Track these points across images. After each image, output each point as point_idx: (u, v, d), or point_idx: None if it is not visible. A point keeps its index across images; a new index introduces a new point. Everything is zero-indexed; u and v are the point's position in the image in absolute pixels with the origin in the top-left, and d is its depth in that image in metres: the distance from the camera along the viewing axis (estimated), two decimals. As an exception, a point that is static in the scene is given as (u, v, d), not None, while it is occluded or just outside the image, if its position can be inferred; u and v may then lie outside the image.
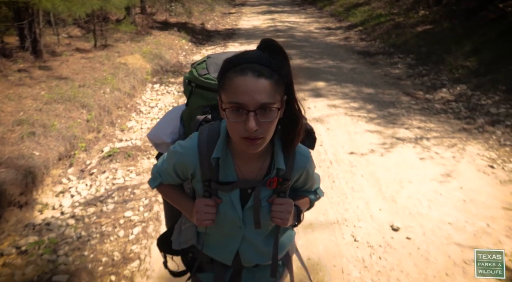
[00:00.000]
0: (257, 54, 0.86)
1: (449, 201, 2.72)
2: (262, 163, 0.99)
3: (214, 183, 0.98)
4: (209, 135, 0.98)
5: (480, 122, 4.12)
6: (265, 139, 0.88)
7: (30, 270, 2.25)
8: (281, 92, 0.87)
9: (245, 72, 0.83)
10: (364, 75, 6.20)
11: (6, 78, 4.39)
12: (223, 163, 0.97)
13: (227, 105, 0.85)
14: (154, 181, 1.11)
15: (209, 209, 0.97)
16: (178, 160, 1.01)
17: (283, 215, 0.97)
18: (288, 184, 1.01)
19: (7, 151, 3.00)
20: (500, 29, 6.63)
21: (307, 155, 1.05)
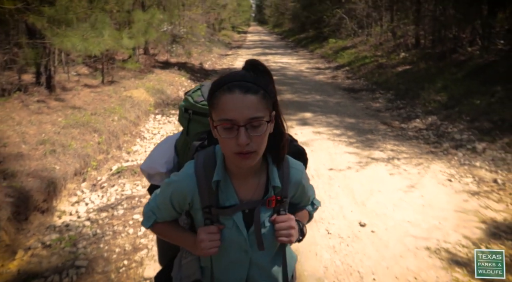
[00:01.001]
0: (242, 73, 0.92)
1: (411, 206, 3.20)
2: (258, 182, 1.00)
3: (214, 208, 0.97)
4: (205, 161, 0.99)
5: (445, 146, 4.69)
6: (258, 153, 0.90)
7: (54, 259, 2.66)
8: (269, 107, 0.91)
9: (232, 89, 0.87)
10: (348, 108, 6.86)
11: (27, 107, 4.95)
12: (223, 186, 0.98)
13: (217, 123, 0.89)
14: (148, 220, 1.08)
15: (213, 236, 0.96)
16: (175, 189, 1.00)
17: (287, 232, 0.99)
18: (287, 201, 1.02)
19: (33, 165, 3.48)
20: (467, 69, 7.44)
21: (301, 169, 1.07)
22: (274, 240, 1.00)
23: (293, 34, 27.82)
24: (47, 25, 5.00)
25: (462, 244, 2.64)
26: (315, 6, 20.57)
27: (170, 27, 11.85)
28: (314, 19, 20.90)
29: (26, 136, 3.96)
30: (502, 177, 3.73)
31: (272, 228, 0.99)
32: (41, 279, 2.44)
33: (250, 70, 0.92)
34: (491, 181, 3.66)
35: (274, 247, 1.04)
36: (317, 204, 1.19)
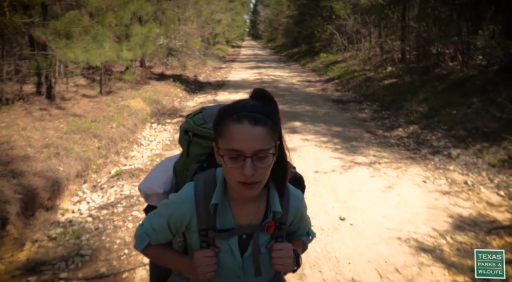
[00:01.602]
0: (251, 102, 0.91)
1: (387, 203, 3.50)
2: (257, 208, 1.00)
3: (211, 231, 0.97)
4: (206, 183, 0.99)
5: (423, 152, 5.03)
6: (261, 184, 0.91)
7: (60, 250, 2.90)
8: (275, 138, 0.91)
9: (242, 120, 0.87)
10: (335, 118, 7.22)
11: (31, 115, 5.22)
12: (221, 209, 0.98)
13: (224, 152, 0.89)
14: (141, 243, 1.05)
15: (210, 260, 0.96)
16: (174, 210, 1.00)
17: (284, 260, 0.98)
18: (285, 228, 1.02)
19: (39, 166, 3.73)
20: (448, 83, 7.88)
21: (300, 196, 1.08)
22: (269, 268, 0.99)
23: (286, 49, 28.49)
24: (51, 38, 5.32)
25: (430, 235, 2.94)
26: (306, 22, 21.23)
27: (166, 41, 12.24)
28: (306, 34, 21.54)
29: (31, 140, 4.22)
30: (472, 179, 4.06)
31: (268, 255, 0.99)
32: (49, 266, 2.68)
33: (258, 99, 0.92)
34: (462, 183, 3.99)
35: (268, 274, 1.02)
36: (312, 234, 1.18)
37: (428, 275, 2.45)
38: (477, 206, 3.45)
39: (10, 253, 2.86)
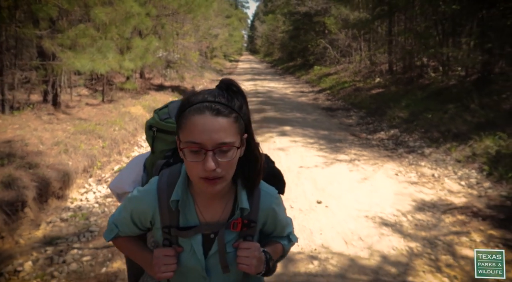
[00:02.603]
0: (215, 92, 0.85)
1: (360, 191, 3.96)
2: (225, 205, 0.95)
3: (174, 229, 0.93)
4: (169, 178, 0.94)
5: (400, 152, 5.51)
6: (225, 179, 0.86)
7: (71, 228, 3.33)
8: (241, 131, 0.86)
9: (203, 111, 0.81)
10: (324, 123, 7.72)
11: (40, 118, 5.68)
12: (183, 206, 0.93)
13: (184, 145, 0.83)
14: (109, 233, 1.03)
15: (169, 260, 0.92)
16: (136, 205, 0.96)
17: (249, 260, 0.92)
18: (255, 227, 0.96)
19: (51, 160, 4.17)
20: (428, 91, 8.43)
21: (273, 194, 1.01)
22: (235, 268, 0.94)
23: (282, 63, 29.26)
24: (60, 49, 5.83)
25: (394, 214, 3.39)
26: (301, 37, 22.00)
27: (165, 54, 12.83)
28: (300, 48, 22.28)
29: (43, 139, 4.67)
30: (439, 172, 4.53)
31: (234, 255, 0.94)
32: (63, 240, 3.10)
33: (223, 89, 0.86)
34: (430, 175, 4.45)
35: (236, 275, 0.98)
36: (294, 239, 1.11)
37: (386, 242, 2.89)
38: (439, 193, 3.90)
39: (28, 231, 3.28)
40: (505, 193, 3.73)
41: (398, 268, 2.54)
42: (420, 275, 2.47)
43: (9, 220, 3.12)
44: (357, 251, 2.76)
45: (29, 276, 2.58)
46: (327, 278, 2.44)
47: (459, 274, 2.48)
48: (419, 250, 2.78)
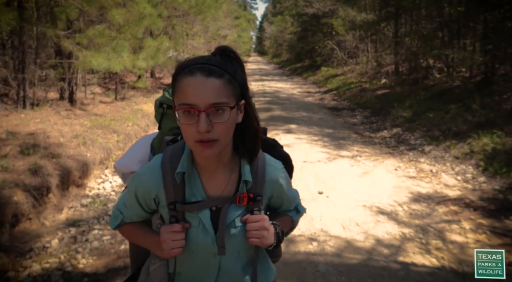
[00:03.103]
0: (208, 56, 0.86)
1: (361, 184, 4.18)
2: (228, 178, 0.94)
3: (180, 204, 0.91)
4: (173, 153, 0.93)
5: (401, 149, 5.72)
6: (221, 143, 0.84)
7: (91, 212, 3.62)
8: (235, 94, 0.85)
9: (194, 72, 0.81)
10: (328, 122, 7.94)
11: (59, 114, 6.01)
12: (188, 180, 0.92)
13: (178, 107, 0.83)
14: (114, 220, 1.02)
15: (177, 236, 0.90)
16: (140, 182, 0.94)
17: (259, 233, 0.91)
18: (261, 200, 0.95)
19: (71, 151, 4.48)
20: (432, 92, 8.60)
21: (278, 167, 1.00)
22: (246, 243, 0.93)
23: (290, 64, 29.48)
24: (78, 48, 6.15)
25: (390, 204, 3.62)
26: (309, 38, 22.21)
27: (175, 54, 13.14)
28: (308, 50, 22.48)
29: (63, 132, 4.98)
30: (437, 168, 4.73)
31: (244, 229, 0.93)
32: (84, 222, 3.39)
33: (218, 55, 0.87)
34: (428, 171, 4.66)
35: (246, 251, 0.97)
36: (302, 210, 1.11)
37: (381, 228, 3.12)
38: (435, 186, 4.11)
39: (52, 215, 3.58)
40: (498, 187, 3.93)
41: (390, 250, 2.77)
42: (410, 256, 2.70)
43: (36, 203, 3.42)
44: (353, 235, 2.99)
45: (56, 252, 2.87)
46: (325, 257, 2.68)
47: (446, 256, 2.70)
48: (411, 235, 3.00)
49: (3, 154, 3.79)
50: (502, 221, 3.20)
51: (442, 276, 2.46)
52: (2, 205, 3.04)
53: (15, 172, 3.54)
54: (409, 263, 2.60)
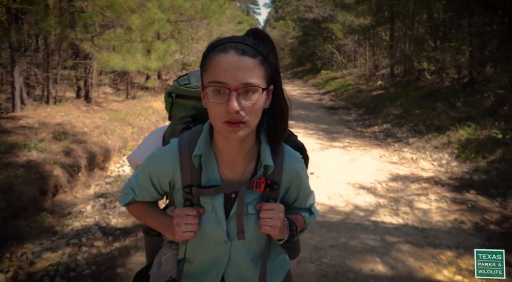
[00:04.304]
0: (241, 36, 0.84)
1: (348, 167, 4.79)
2: (247, 163, 0.91)
3: (195, 188, 0.89)
4: (191, 136, 0.92)
5: (388, 141, 6.32)
6: (248, 125, 0.81)
7: (115, 188, 4.24)
8: (266, 77, 0.82)
9: (227, 50, 0.79)
10: (325, 119, 8.56)
11: (79, 109, 6.66)
12: (205, 164, 0.90)
13: (208, 85, 0.80)
14: (125, 197, 1.00)
15: (191, 219, 0.87)
16: (156, 164, 0.93)
17: (273, 221, 0.87)
18: (278, 189, 0.91)
19: (94, 139, 5.11)
20: (423, 92, 9.21)
21: (298, 157, 0.97)
22: (257, 232, 0.90)
23: (292, 68, 30.20)
24: (96, 50, 6.81)
25: (371, 182, 4.22)
26: (309, 42, 22.89)
27: (181, 56, 13.84)
28: (308, 53, 23.15)
29: (85, 123, 5.62)
30: (417, 156, 5.33)
31: (257, 217, 0.89)
32: (110, 195, 4.01)
33: (251, 36, 0.84)
34: (409, 158, 5.26)
35: (258, 242, 0.94)
36: (316, 212, 1.08)
37: (360, 198, 3.72)
38: (413, 170, 4.71)
39: (82, 190, 4.20)
40: (466, 170, 4.53)
41: (365, 213, 3.38)
42: (381, 217, 3.30)
43: (71, 179, 4.05)
44: (336, 203, 3.60)
45: (91, 214, 3.49)
46: (311, 217, 3.28)
47: (411, 217, 3.30)
48: (385, 203, 3.60)
49: (40, 139, 4.42)
50: (463, 194, 3.80)
51: (404, 230, 3.05)
52: (46, 177, 3.67)
53: (52, 153, 4.17)
54: (379, 221, 3.20)
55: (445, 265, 2.53)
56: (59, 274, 2.48)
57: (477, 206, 3.50)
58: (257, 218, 0.90)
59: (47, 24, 4.75)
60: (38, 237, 3.03)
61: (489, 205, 3.50)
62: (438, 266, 2.52)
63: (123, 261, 2.64)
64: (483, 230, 3.04)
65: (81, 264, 2.62)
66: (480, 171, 4.38)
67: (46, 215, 3.37)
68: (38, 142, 4.28)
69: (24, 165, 3.72)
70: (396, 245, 2.80)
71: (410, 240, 2.87)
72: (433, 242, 2.85)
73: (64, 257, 2.71)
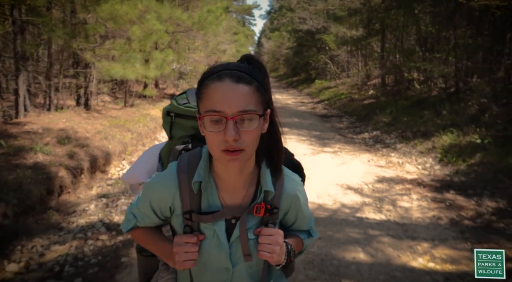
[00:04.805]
0: (236, 63, 0.84)
1: (337, 170, 5.06)
2: (247, 188, 0.91)
3: (195, 214, 0.88)
4: (190, 161, 0.91)
5: (377, 147, 6.61)
6: (247, 153, 0.81)
7: (116, 190, 4.47)
8: (262, 102, 0.82)
9: (223, 78, 0.79)
10: (317, 126, 8.86)
11: (80, 115, 6.90)
12: (205, 189, 0.89)
13: (204, 114, 0.80)
14: (127, 223, 1.00)
15: (190, 247, 0.86)
16: (155, 190, 0.92)
17: (271, 247, 0.87)
18: (277, 213, 0.91)
19: (96, 144, 5.34)
20: (412, 101, 9.57)
21: (297, 180, 0.97)
22: (257, 257, 0.90)
23: (287, 78, 30.67)
24: (97, 59, 7.09)
25: (358, 183, 4.49)
26: (304, 53, 23.39)
27: (178, 66, 14.16)
28: (303, 64, 23.63)
29: (87, 129, 5.86)
30: (403, 160, 5.62)
31: (256, 242, 0.89)
32: (112, 195, 4.24)
33: (244, 62, 0.85)
34: (396, 162, 5.55)
35: (258, 266, 0.94)
36: (314, 235, 1.08)
37: (347, 197, 3.99)
38: (398, 173, 4.99)
39: (84, 191, 4.43)
40: (448, 172, 4.82)
41: (351, 210, 3.64)
42: (365, 214, 3.56)
43: (74, 180, 4.27)
44: (324, 201, 3.86)
45: (94, 212, 3.71)
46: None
47: (393, 214, 3.56)
48: (370, 202, 3.87)
49: (45, 143, 4.66)
50: (443, 194, 4.08)
51: (386, 225, 3.31)
52: (52, 178, 3.90)
53: (57, 156, 4.40)
54: (363, 217, 3.46)
55: (421, 254, 2.79)
56: (68, 263, 2.71)
57: (455, 204, 3.78)
58: (257, 242, 0.90)
59: (56, 35, 5.01)
60: (46, 232, 3.25)
61: (466, 204, 3.78)
62: (414, 255, 2.77)
63: (126, 251, 2.87)
64: (458, 225, 3.31)
65: (88, 254, 2.84)
66: (460, 173, 4.67)
67: (52, 213, 3.59)
68: (44, 146, 4.51)
69: (32, 166, 3.95)
70: (377, 237, 3.05)
71: (391, 233, 3.12)
72: (411, 235, 3.11)
73: (71, 249, 2.93)
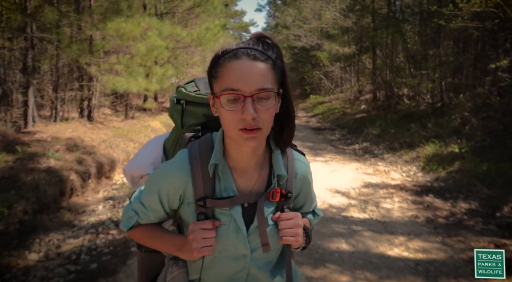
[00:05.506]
0: (250, 42, 0.83)
1: (327, 177, 5.43)
2: (259, 172, 0.90)
3: (210, 199, 0.85)
4: (201, 146, 0.89)
5: (366, 157, 7.02)
6: (263, 132, 0.80)
7: (121, 193, 4.81)
8: (277, 81, 0.81)
9: (240, 56, 0.78)
10: (310, 138, 9.27)
11: (85, 126, 7.26)
12: (220, 173, 0.87)
13: (221, 93, 0.78)
14: (128, 221, 0.95)
15: (208, 233, 0.83)
16: (166, 179, 0.88)
17: (294, 231, 0.86)
18: (291, 197, 0.91)
19: (102, 151, 5.70)
20: (400, 114, 10.05)
21: (307, 163, 0.98)
22: (277, 243, 0.88)
23: (282, 92, 31.28)
24: (102, 73, 7.51)
25: (346, 188, 4.86)
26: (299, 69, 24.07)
27: (177, 80, 14.64)
28: (298, 79, 24.27)
29: (93, 138, 6.22)
30: (389, 168, 6.02)
31: (275, 228, 0.88)
32: (118, 198, 4.57)
33: (258, 40, 0.83)
34: (382, 170, 5.94)
35: (275, 253, 0.92)
36: (319, 213, 1.09)
37: (335, 199, 4.36)
38: (384, 179, 5.38)
39: (91, 195, 4.76)
40: (429, 179, 5.21)
41: (338, 210, 4.00)
42: (351, 213, 3.93)
43: (83, 184, 4.61)
44: (314, 202, 4.21)
45: (103, 212, 4.04)
46: (292, 213, 3.89)
47: (375, 213, 3.93)
48: (355, 204, 4.24)
49: (56, 149, 5.01)
50: (422, 197, 4.46)
51: (368, 222, 3.68)
52: (64, 180, 4.24)
53: (67, 161, 4.75)
54: (348, 216, 3.83)
55: (397, 245, 3.15)
56: (83, 252, 3.04)
57: (432, 205, 4.16)
58: (276, 228, 0.89)
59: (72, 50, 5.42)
60: (60, 228, 3.58)
61: (442, 205, 4.16)
62: (391, 246, 3.14)
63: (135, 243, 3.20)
64: (432, 222, 3.68)
65: (100, 246, 3.17)
66: (440, 179, 5.07)
67: (65, 212, 3.92)
68: (55, 152, 4.86)
69: (45, 170, 4.29)
70: (360, 232, 3.41)
71: (372, 229, 3.49)
72: (390, 230, 3.47)
73: (85, 242, 3.26)
